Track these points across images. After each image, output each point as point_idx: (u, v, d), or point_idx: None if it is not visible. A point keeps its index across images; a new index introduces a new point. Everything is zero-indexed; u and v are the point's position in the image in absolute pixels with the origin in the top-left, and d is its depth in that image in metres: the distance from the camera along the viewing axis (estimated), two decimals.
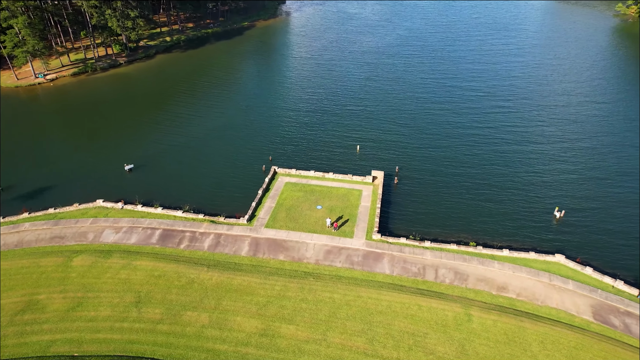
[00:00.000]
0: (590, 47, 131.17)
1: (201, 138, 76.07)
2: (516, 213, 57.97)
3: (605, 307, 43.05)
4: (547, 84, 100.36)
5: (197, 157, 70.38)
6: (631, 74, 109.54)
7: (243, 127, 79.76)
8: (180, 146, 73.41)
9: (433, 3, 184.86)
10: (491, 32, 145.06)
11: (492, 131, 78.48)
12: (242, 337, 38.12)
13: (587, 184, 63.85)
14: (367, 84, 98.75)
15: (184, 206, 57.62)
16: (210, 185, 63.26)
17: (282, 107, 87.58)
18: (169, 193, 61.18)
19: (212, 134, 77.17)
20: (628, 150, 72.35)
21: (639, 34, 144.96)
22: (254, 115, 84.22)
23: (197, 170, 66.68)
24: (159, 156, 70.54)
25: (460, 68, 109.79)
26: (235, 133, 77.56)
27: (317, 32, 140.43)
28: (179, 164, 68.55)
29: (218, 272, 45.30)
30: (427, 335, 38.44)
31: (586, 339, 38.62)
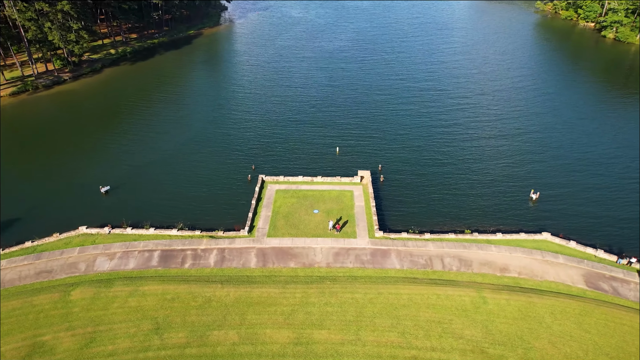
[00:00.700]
0: (521, 41, 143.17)
1: (173, 154, 73.20)
2: (496, 199, 62.34)
3: (593, 275, 47.80)
4: (496, 79, 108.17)
5: (174, 173, 67.69)
6: (561, 63, 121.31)
7: (215, 139, 77.65)
8: (154, 163, 70.22)
9: (373, 4, 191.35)
10: (434, 31, 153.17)
11: (459, 128, 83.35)
12: (277, 349, 37.84)
13: (553, 168, 70.06)
14: (329, 89, 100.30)
15: (177, 224, 55.59)
16: (197, 201, 61.36)
17: (251, 117, 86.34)
18: (155, 212, 58.52)
19: (184, 149, 74.47)
20: (584, 138, 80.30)
21: (557, 27, 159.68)
22: (224, 127, 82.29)
23: (178, 187, 64.23)
24: (133, 175, 67.10)
25: (414, 68, 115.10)
26: (208, 146, 75.35)
27: (267, 38, 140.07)
28: (157, 182, 65.63)
29: (233, 287, 44.42)
30: (452, 321, 40.51)
31: (587, 305, 42.74)
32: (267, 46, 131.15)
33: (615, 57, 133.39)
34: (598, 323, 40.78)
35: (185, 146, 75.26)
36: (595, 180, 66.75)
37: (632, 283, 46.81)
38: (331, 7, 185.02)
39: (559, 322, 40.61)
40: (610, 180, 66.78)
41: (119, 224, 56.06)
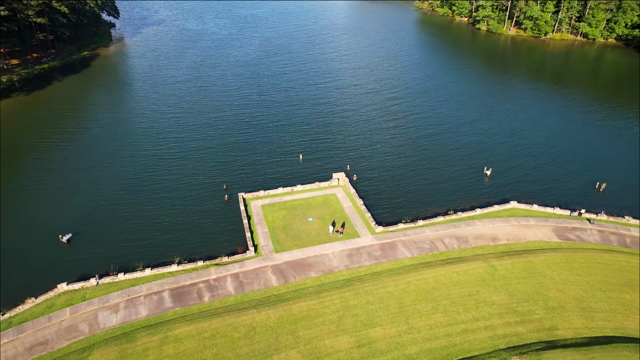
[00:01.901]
0: (415, 37, 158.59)
1: (128, 188, 66.54)
2: (457, 180, 69.76)
3: (560, 229, 56.87)
4: (409, 72, 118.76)
5: (138, 208, 61.51)
6: (449, 53, 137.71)
7: (167, 167, 71.76)
8: (109, 201, 63.04)
9: (269, 12, 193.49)
10: (339, 34, 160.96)
11: (402, 121, 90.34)
12: (344, 356, 38.47)
13: (491, 147, 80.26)
14: (263, 99, 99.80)
15: (174, 259, 51.86)
16: (178, 232, 57.32)
17: (194, 138, 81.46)
18: (136, 253, 53.28)
19: (137, 183, 67.65)
20: (503, 118, 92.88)
21: (438, 23, 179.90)
22: (171, 154, 76.43)
23: (150, 222, 58.86)
24: (90, 218, 59.78)
25: (337, 69, 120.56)
26: (162, 176, 69.30)
27: (175, 54, 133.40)
28: (122, 220, 59.25)
29: (269, 309, 43.50)
30: (479, 292, 45.22)
31: (567, 254, 50.99)
32: (180, 63, 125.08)
33: (491, 45, 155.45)
34: (582, 266, 49.02)
35: (137, 179, 68.78)
36: (525, 152, 78.32)
37: (587, 230, 56.80)
38: (227, 17, 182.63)
39: (556, 272, 47.89)
40: (535, 149, 79.04)
41: (106, 272, 50.28)
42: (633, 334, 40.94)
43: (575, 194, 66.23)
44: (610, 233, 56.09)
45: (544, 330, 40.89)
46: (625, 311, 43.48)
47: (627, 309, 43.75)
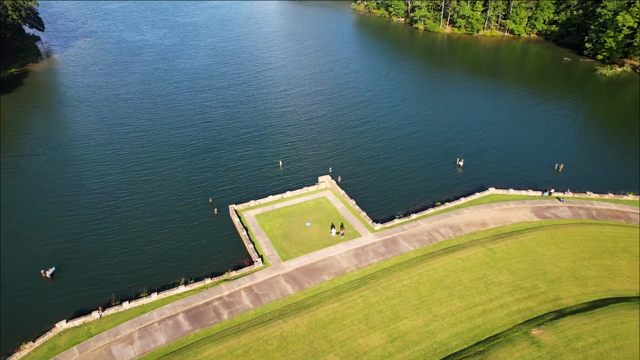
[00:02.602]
0: (360, 39, 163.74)
1: (103, 217, 61.89)
2: (433, 172, 73.61)
3: (536, 209, 62.22)
4: (364, 75, 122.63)
5: (120, 235, 57.56)
6: (398, 53, 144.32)
7: (141, 191, 68.06)
8: (87, 232, 58.61)
9: (208, 20, 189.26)
10: (286, 39, 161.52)
11: (372, 123, 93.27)
12: (382, 352, 39.52)
13: (457, 141, 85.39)
14: (226, 111, 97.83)
15: (179, 280, 49.89)
16: (174, 252, 55.03)
17: (163, 158, 77.79)
18: (134, 280, 50.56)
19: (113, 210, 63.30)
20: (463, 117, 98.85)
21: (376, 23, 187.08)
22: (141, 176, 72.23)
23: (140, 246, 55.56)
24: (70, 250, 55.35)
25: (294, 75, 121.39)
26: (139, 199, 65.90)
27: (118, 68, 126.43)
28: (107, 249, 55.23)
29: (294, 317, 43.45)
30: (485, 274, 48.43)
31: (550, 231, 56.01)
32: (127, 77, 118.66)
33: (430, 43, 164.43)
34: (565, 240, 54.15)
35: (111, 207, 64.21)
36: (488, 142, 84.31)
37: (559, 207, 62.70)
38: (165, 27, 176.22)
39: (545, 249, 52.50)
40: (497, 139, 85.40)
41: (107, 303, 47.20)
42: (622, 294, 46.14)
43: (539, 176, 72.60)
44: (578, 208, 62.34)
45: (550, 302, 44.80)
46: (610, 275, 48.80)
47: (611, 273, 49.13)
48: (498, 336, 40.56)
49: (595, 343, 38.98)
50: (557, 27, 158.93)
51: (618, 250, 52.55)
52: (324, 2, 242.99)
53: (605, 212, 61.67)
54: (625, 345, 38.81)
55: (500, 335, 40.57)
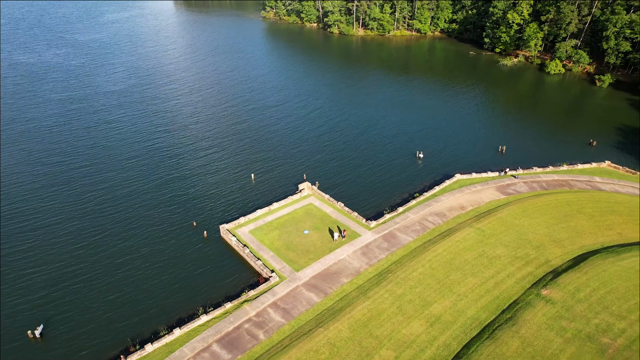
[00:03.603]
0: (280, 47, 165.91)
1: (79, 261, 56.53)
2: (400, 167, 78.50)
3: (499, 187, 70.00)
4: (300, 82, 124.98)
5: (109, 279, 52.55)
6: (323, 58, 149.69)
7: (114, 226, 63.02)
8: (68, 279, 52.75)
9: (110, 35, 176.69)
10: (209, 51, 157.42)
11: (330, 127, 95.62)
12: (427, 337, 42.12)
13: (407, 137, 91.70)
14: (173, 131, 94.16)
15: (198, 309, 47.59)
16: (178, 285, 51.85)
17: (122, 187, 73.36)
18: (142, 323, 46.83)
19: (88, 252, 58.11)
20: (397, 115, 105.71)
21: (290, 30, 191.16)
22: (110, 211, 67.08)
23: (137, 288, 51.04)
24: (52, 303, 49.44)
25: (231, 87, 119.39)
26: (115, 235, 60.95)
27: (23, 94, 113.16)
28: (97, 295, 50.16)
29: (334, 322, 44.21)
30: (484, 251, 53.77)
31: (519, 204, 63.61)
32: (44, 104, 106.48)
33: (346, 46, 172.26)
34: (533, 211, 62.00)
35: (83, 249, 58.58)
36: (435, 134, 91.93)
37: (517, 183, 71.24)
38: (65, 45, 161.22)
39: (521, 220, 59.70)
40: (441, 130, 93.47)
41: (125, 350, 43.39)
42: (592, 248, 54.56)
43: (488, 158, 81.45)
44: (531, 182, 71.47)
45: (543, 265, 51.38)
46: (578, 234, 57.26)
47: (577, 232, 57.66)
48: (517, 302, 45.65)
49: (592, 291, 45.92)
50: (457, 25, 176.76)
51: (575, 212, 61.66)
52: (232, 12, 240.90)
53: (552, 182, 71.58)
54: (614, 287, 46.33)
55: (518, 301, 45.71)
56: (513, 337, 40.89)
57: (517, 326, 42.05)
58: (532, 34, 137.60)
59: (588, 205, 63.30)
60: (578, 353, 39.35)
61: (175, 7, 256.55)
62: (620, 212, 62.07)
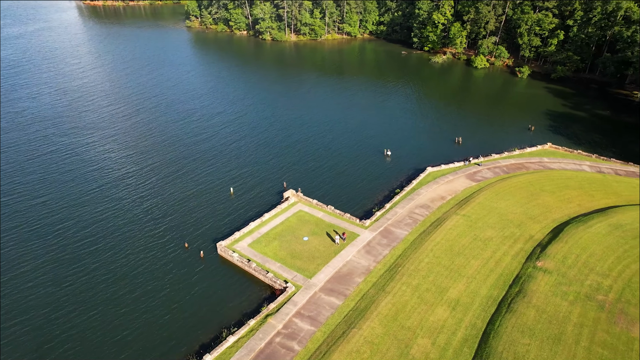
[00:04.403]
0: (213, 57, 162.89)
1: (84, 302, 52.03)
2: (371, 166, 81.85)
3: (469, 175, 75.91)
4: (244, 92, 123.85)
5: (115, 317, 49.66)
6: (261, 66, 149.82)
7: (105, 263, 59.00)
8: (72, 329, 48.67)
9: (20, 53, 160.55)
10: (142, 65, 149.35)
11: (298, 135, 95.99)
12: (453, 321, 44.95)
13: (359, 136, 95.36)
14: (127, 151, 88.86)
15: (221, 332, 46.18)
16: (189, 314, 49.80)
17: (106, 215, 68.18)
18: (162, 355, 44.70)
19: (83, 293, 53.79)
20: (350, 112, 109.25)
21: (219, 40, 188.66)
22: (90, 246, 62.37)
23: (146, 322, 48.25)
24: (61, 345, 45.43)
25: (181, 102, 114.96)
26: (111, 272, 57.01)
27: None
28: (105, 340, 47.17)
29: (364, 321, 45.32)
30: (476, 235, 58.32)
31: (490, 189, 69.69)
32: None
33: (280, 52, 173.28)
34: (505, 193, 68.27)
35: (73, 292, 53.98)
36: (393, 133, 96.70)
37: (482, 170, 77.71)
38: None
39: (498, 203, 65.55)
40: (399, 129, 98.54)
41: None
42: (562, 220, 61.62)
43: (447, 149, 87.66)
44: (493, 168, 78.44)
45: (529, 240, 57.15)
46: (548, 209, 64.25)
47: (547, 208, 64.70)
48: (519, 276, 50.43)
49: (577, 257, 52.21)
50: (384, 26, 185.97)
51: (538, 191, 69.06)
52: (150, 22, 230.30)
53: (510, 166, 79.21)
54: (592, 251, 53.12)
55: (520, 275, 50.52)
56: (528, 307, 45.26)
57: (528, 297, 46.57)
58: (457, 32, 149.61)
59: (546, 183, 71.14)
60: (583, 312, 44.73)
61: (83, 19, 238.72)
62: (573, 186, 70.67)
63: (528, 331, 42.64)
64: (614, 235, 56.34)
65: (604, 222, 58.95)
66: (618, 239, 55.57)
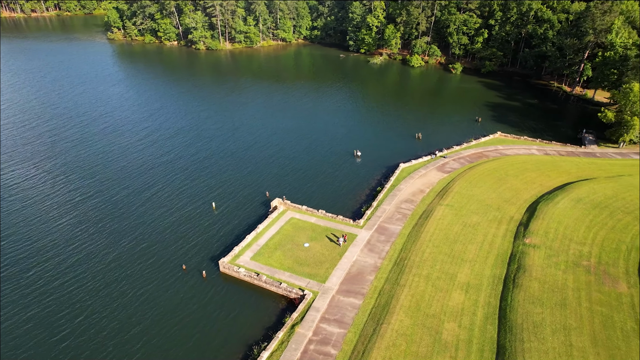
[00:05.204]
0: (146, 72, 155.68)
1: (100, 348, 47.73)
2: (344, 166, 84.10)
3: (439, 167, 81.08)
4: (200, 106, 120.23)
5: (130, 351, 46.76)
6: (199, 77, 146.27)
7: (104, 293, 54.33)
8: None
9: None
10: (75, 84, 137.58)
11: (265, 145, 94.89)
12: (469, 302, 48.26)
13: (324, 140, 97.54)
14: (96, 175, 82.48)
15: (252, 350, 45.29)
16: (211, 340, 48.21)
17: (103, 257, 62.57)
18: None
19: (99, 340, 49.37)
20: None
21: (148, 52, 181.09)
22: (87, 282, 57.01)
23: (164, 354, 46.42)
24: None
25: (125, 123, 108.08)
26: (108, 305, 52.84)
27: None
28: None
29: (391, 315, 46.90)
30: (464, 222, 62.75)
31: (463, 178, 75.18)
32: None
33: (214, 61, 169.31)
34: (476, 181, 74.12)
35: (94, 328, 49.31)
36: (355, 134, 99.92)
37: (449, 162, 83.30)
38: None
39: (472, 191, 71.00)
40: (357, 130, 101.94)
41: None
42: (533, 199, 68.40)
43: (410, 145, 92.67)
44: (458, 159, 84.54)
45: (511, 221, 62.80)
46: (517, 192, 70.85)
47: (516, 190, 71.33)
48: (514, 253, 55.43)
49: (555, 231, 58.60)
50: (318, 31, 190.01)
51: (504, 176, 75.90)
52: (66, 36, 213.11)
53: (472, 156, 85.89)
54: (566, 224, 59.89)
55: (514, 252, 55.55)
56: (531, 281, 50.05)
57: (528, 272, 51.47)
58: (391, 34, 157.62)
59: (509, 168, 78.38)
60: (576, 277, 50.52)
61: None
62: (531, 169, 78.66)
63: (537, 301, 47.22)
64: (578, 208, 63.94)
65: (567, 198, 66.57)
66: (582, 211, 63.18)
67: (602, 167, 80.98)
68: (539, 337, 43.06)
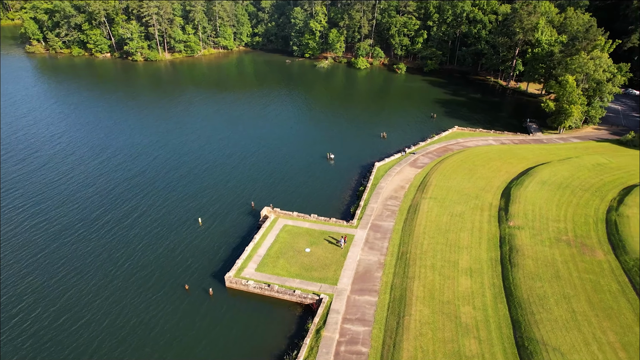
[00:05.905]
0: (70, 86, 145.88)
1: None
2: (320, 169, 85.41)
3: (412, 163, 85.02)
4: (159, 126, 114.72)
5: None
6: (152, 92, 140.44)
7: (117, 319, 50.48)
8: None
9: None
10: None
11: (243, 157, 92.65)
12: (476, 285, 51.70)
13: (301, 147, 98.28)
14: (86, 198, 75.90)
15: None
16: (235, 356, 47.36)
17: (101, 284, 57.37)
18: None
19: None
20: None
21: (76, 65, 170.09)
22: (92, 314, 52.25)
23: None
24: None
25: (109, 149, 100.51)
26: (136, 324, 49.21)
27: None
28: None
29: (410, 307, 48.99)
30: (451, 212, 66.76)
31: (436, 171, 79.64)
32: None
33: (154, 73, 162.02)
34: (450, 173, 78.84)
35: None
36: (323, 138, 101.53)
37: (419, 157, 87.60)
38: None
39: (450, 183, 75.49)
40: (327, 132, 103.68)
41: None
42: (503, 186, 74.37)
43: (377, 144, 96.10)
44: (426, 154, 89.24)
45: (491, 207, 67.88)
46: (488, 180, 76.50)
47: (487, 179, 76.92)
48: (503, 236, 60.18)
49: (532, 212, 64.42)
50: (260, 37, 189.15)
51: (472, 166, 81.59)
52: None
53: (438, 150, 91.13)
54: (538, 205, 66.06)
55: (503, 235, 60.32)
56: (525, 260, 54.76)
57: (520, 252, 56.22)
58: (335, 38, 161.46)
59: (475, 159, 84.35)
60: (561, 251, 56.13)
61: None
62: (494, 158, 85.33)
63: (536, 277, 51.84)
64: (545, 189, 70.74)
65: (533, 181, 73.30)
66: (549, 192, 70.02)
67: (551, 151, 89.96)
68: (545, 308, 47.38)
